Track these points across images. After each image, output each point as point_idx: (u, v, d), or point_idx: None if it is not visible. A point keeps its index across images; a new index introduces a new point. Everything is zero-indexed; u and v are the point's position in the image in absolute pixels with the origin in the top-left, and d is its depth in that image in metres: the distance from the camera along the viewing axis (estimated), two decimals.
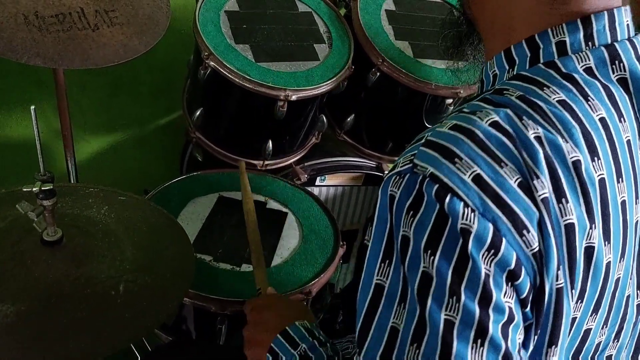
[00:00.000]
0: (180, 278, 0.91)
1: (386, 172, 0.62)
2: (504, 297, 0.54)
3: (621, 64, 0.63)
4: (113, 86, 1.58)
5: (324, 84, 1.28)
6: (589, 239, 0.58)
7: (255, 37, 1.31)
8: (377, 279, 0.58)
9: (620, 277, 0.64)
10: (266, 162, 1.39)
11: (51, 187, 0.80)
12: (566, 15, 0.63)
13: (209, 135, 1.38)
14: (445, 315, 0.53)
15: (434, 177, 0.54)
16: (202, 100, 1.35)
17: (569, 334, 0.61)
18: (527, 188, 0.55)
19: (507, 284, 0.54)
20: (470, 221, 0.53)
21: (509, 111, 0.58)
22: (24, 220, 0.84)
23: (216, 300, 1.04)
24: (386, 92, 1.40)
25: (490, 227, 0.53)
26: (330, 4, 1.45)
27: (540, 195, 0.55)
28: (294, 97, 1.24)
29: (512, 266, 0.54)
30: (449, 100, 1.37)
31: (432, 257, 0.53)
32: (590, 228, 0.58)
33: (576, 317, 0.61)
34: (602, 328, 0.66)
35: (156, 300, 0.85)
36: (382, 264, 0.58)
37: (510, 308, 0.55)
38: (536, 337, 0.59)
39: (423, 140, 0.58)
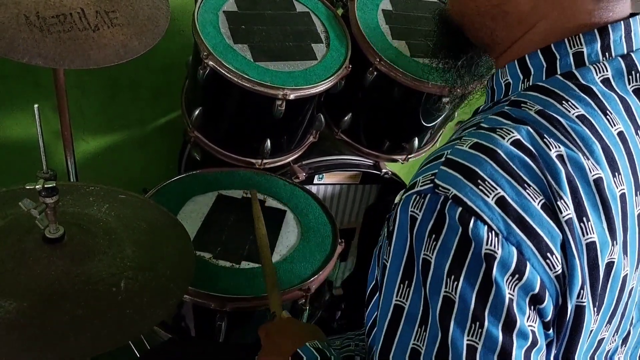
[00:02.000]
0: (180, 276, 0.91)
1: (402, 192, 0.60)
2: (528, 322, 0.54)
3: (637, 75, 0.63)
4: (112, 86, 1.59)
5: (322, 83, 1.29)
6: (611, 255, 0.58)
7: (253, 37, 1.32)
8: (396, 300, 0.57)
9: (633, 286, 0.64)
10: (264, 161, 1.40)
11: (54, 184, 0.80)
12: (582, 25, 0.62)
13: (207, 135, 1.38)
14: (468, 340, 0.52)
15: (457, 200, 0.53)
16: (200, 100, 1.36)
17: (585, 346, 0.61)
18: (551, 210, 0.54)
19: (530, 308, 0.54)
20: (494, 246, 0.52)
21: (530, 129, 0.57)
22: (25, 218, 0.84)
23: (216, 297, 1.05)
24: (383, 91, 1.41)
25: (515, 251, 0.52)
26: (328, 4, 1.46)
27: (564, 217, 0.54)
28: (292, 96, 1.24)
29: (536, 290, 0.53)
30: (446, 99, 1.38)
31: (455, 283, 0.53)
32: (612, 245, 0.58)
33: (593, 329, 0.61)
34: (613, 336, 0.66)
35: (156, 298, 0.86)
36: (402, 285, 0.57)
37: (533, 332, 0.54)
38: (555, 351, 0.59)
39: (443, 159, 0.57)
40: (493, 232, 0.52)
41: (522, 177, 0.54)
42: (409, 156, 1.55)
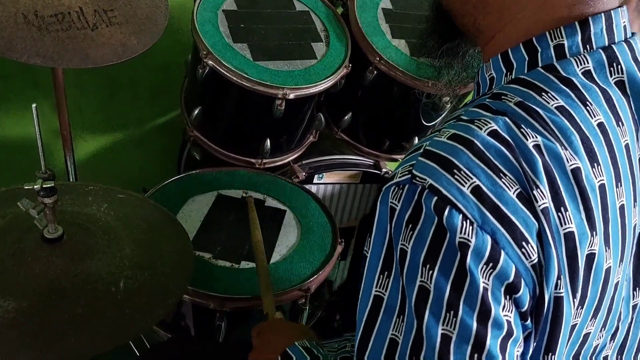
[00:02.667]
0: (179, 275, 0.91)
1: (385, 178, 0.62)
2: (503, 311, 0.54)
3: (619, 66, 0.63)
4: (111, 85, 1.58)
5: (322, 82, 1.28)
6: (591, 246, 0.58)
7: (253, 36, 1.32)
8: (375, 291, 0.57)
9: (619, 280, 0.64)
10: (264, 161, 1.39)
11: (52, 184, 0.80)
12: (563, 18, 0.62)
13: (207, 134, 1.38)
14: (443, 329, 0.53)
15: (433, 189, 0.54)
16: (200, 99, 1.36)
17: (568, 340, 0.61)
18: (527, 199, 0.54)
19: (505, 298, 0.54)
20: (468, 235, 0.52)
21: (507, 119, 0.57)
22: (24, 218, 0.84)
23: (215, 297, 1.04)
24: (383, 90, 1.40)
25: (489, 239, 0.53)
26: (327, 3, 1.46)
27: (540, 206, 0.54)
28: (291, 96, 1.24)
29: (511, 279, 0.54)
30: (446, 98, 1.38)
31: (430, 272, 0.53)
32: (592, 235, 0.58)
33: (577, 323, 0.61)
34: (601, 331, 0.66)
35: (155, 297, 0.86)
36: (381, 276, 0.57)
37: (509, 322, 0.54)
38: (534, 344, 0.59)
39: (421, 150, 0.57)
40: (468, 221, 0.53)
41: (498, 166, 0.55)
42: None
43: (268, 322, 0.93)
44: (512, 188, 0.54)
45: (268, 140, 1.34)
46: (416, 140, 1.50)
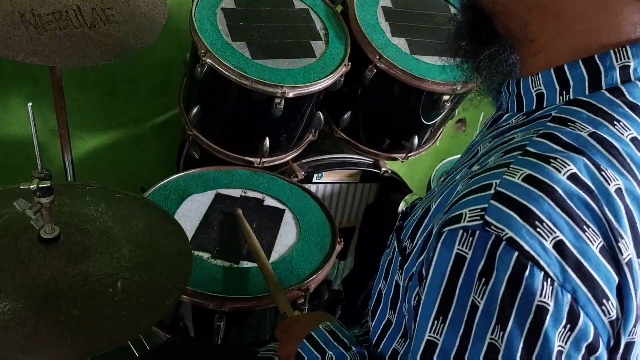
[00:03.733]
0: (178, 276, 0.91)
1: (443, 223, 0.55)
2: None
3: None
4: (109, 84, 1.58)
5: (321, 81, 1.28)
6: None
7: (251, 34, 1.31)
8: (429, 336, 0.55)
9: None
10: (263, 160, 1.39)
11: (49, 184, 0.79)
12: (627, 37, 0.57)
13: (205, 133, 1.38)
14: None
15: (512, 242, 0.49)
16: (198, 98, 1.35)
17: None
18: (610, 252, 0.51)
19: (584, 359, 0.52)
20: (547, 298, 0.49)
21: (586, 160, 0.53)
22: (21, 218, 0.84)
23: (214, 297, 1.04)
24: (383, 88, 1.40)
25: (569, 298, 0.50)
26: (327, 1, 1.45)
27: (625, 258, 0.52)
28: (290, 94, 1.24)
29: (590, 339, 0.51)
30: (446, 97, 1.37)
31: (502, 332, 0.50)
32: None
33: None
34: None
35: (153, 298, 0.85)
36: (436, 321, 0.54)
37: None
38: None
39: (492, 191, 0.52)
40: (549, 280, 0.49)
41: (582, 217, 0.51)
42: (409, 154, 1.54)
43: (290, 318, 0.93)
44: (595, 241, 0.51)
45: (267, 139, 1.34)
46: (416, 139, 1.49)
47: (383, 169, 1.54)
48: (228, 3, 1.35)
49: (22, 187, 0.80)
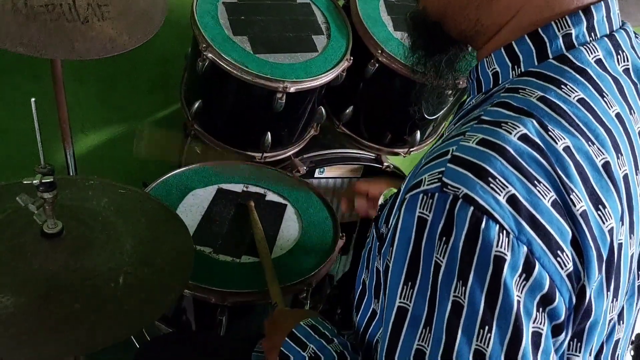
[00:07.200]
0: (180, 270, 0.91)
1: (404, 189, 0.58)
2: (534, 324, 0.53)
3: (624, 54, 0.63)
4: (111, 79, 1.57)
5: (323, 75, 1.27)
6: (619, 236, 0.57)
7: (253, 28, 1.30)
8: (399, 302, 0.56)
9: (636, 264, 0.64)
10: (265, 155, 1.39)
11: (51, 179, 0.79)
12: (567, 8, 0.61)
13: (207, 128, 1.37)
14: (476, 345, 0.52)
15: (468, 198, 0.51)
16: (200, 93, 1.35)
17: (603, 333, 0.61)
18: (562, 205, 0.53)
19: (538, 310, 0.53)
20: (504, 248, 0.51)
21: (534, 121, 0.56)
22: (23, 213, 0.84)
23: (216, 291, 1.04)
24: (385, 83, 1.39)
25: (525, 250, 0.51)
26: None
27: (578, 210, 0.54)
28: (292, 89, 1.23)
29: (546, 290, 0.53)
30: (448, 92, 1.37)
31: (464, 287, 0.52)
32: (620, 225, 0.57)
33: (613, 318, 0.61)
34: (619, 319, 0.66)
35: (155, 293, 0.85)
36: (405, 287, 0.56)
37: (539, 334, 0.53)
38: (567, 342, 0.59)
39: (449, 156, 0.55)
40: (504, 232, 0.51)
41: (533, 173, 0.53)
42: (411, 149, 1.54)
43: (277, 311, 0.94)
44: (546, 196, 0.53)
45: (269, 134, 1.34)
46: (418, 134, 1.49)
47: (385, 163, 1.54)
48: None
49: (25, 182, 0.80)
